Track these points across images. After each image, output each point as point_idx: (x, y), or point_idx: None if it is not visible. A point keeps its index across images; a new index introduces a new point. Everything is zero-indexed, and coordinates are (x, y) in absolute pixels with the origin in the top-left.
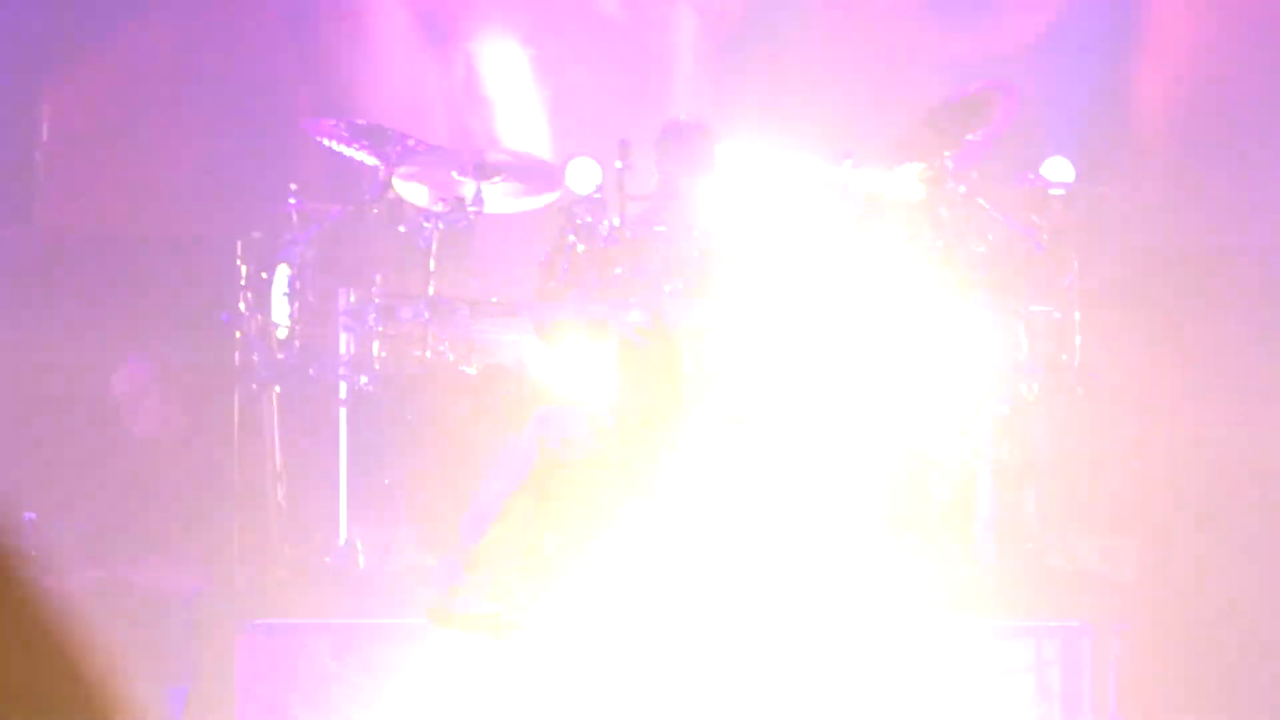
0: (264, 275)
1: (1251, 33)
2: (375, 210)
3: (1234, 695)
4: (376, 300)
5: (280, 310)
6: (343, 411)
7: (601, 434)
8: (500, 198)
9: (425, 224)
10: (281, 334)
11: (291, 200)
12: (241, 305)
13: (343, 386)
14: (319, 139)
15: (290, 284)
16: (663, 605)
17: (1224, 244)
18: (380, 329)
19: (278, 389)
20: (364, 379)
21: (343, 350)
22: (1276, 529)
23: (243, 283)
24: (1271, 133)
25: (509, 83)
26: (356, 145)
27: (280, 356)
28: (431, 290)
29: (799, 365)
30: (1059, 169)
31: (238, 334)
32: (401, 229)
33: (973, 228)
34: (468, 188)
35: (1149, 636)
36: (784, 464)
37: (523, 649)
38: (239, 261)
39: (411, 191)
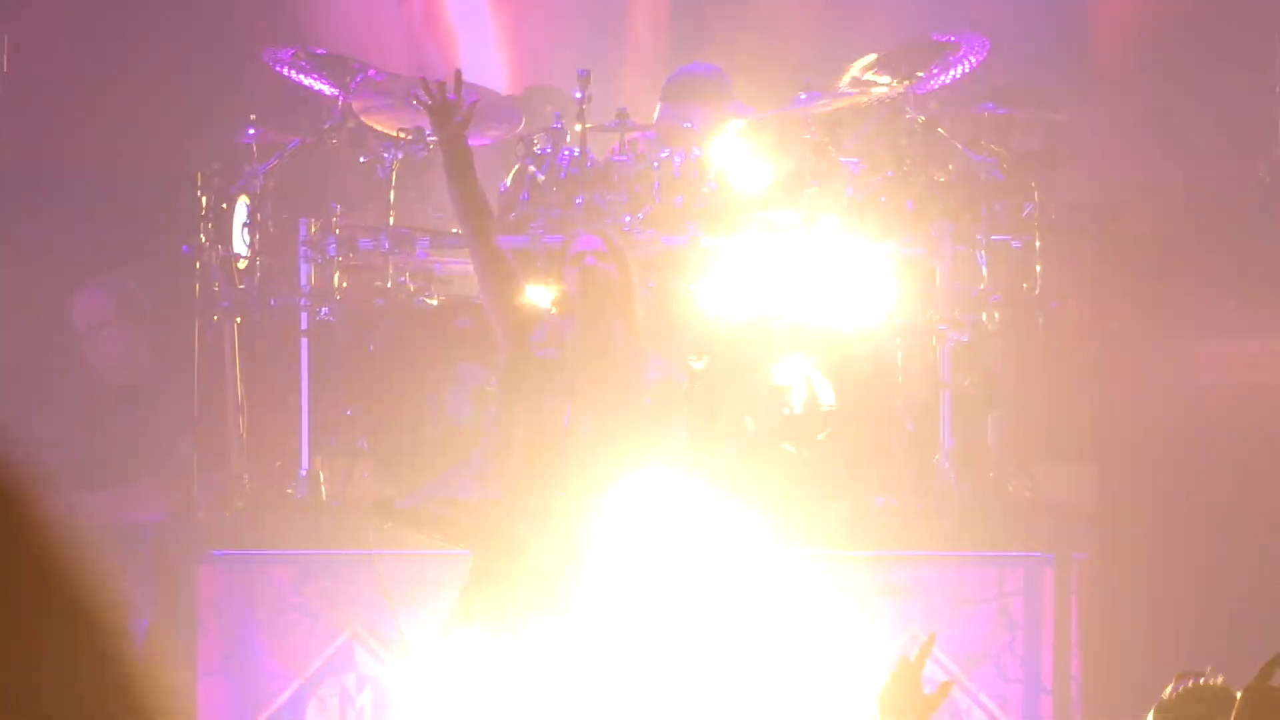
0: (224, 206)
1: None
2: (335, 140)
3: (1194, 622)
4: (337, 231)
5: (240, 241)
6: (304, 342)
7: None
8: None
9: (385, 154)
10: (242, 265)
11: (251, 131)
12: (202, 236)
13: (303, 317)
14: (278, 69)
15: (250, 215)
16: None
17: (1184, 173)
18: (340, 259)
19: (238, 320)
20: (324, 309)
21: (303, 281)
22: (1237, 455)
23: (203, 214)
24: (1232, 60)
25: (467, 12)
26: (315, 75)
27: (241, 287)
28: (392, 220)
29: (758, 299)
30: (1019, 98)
31: (198, 265)
32: (361, 159)
33: (933, 157)
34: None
35: (1110, 565)
36: (740, 393)
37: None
38: (199, 192)
39: (371, 121)
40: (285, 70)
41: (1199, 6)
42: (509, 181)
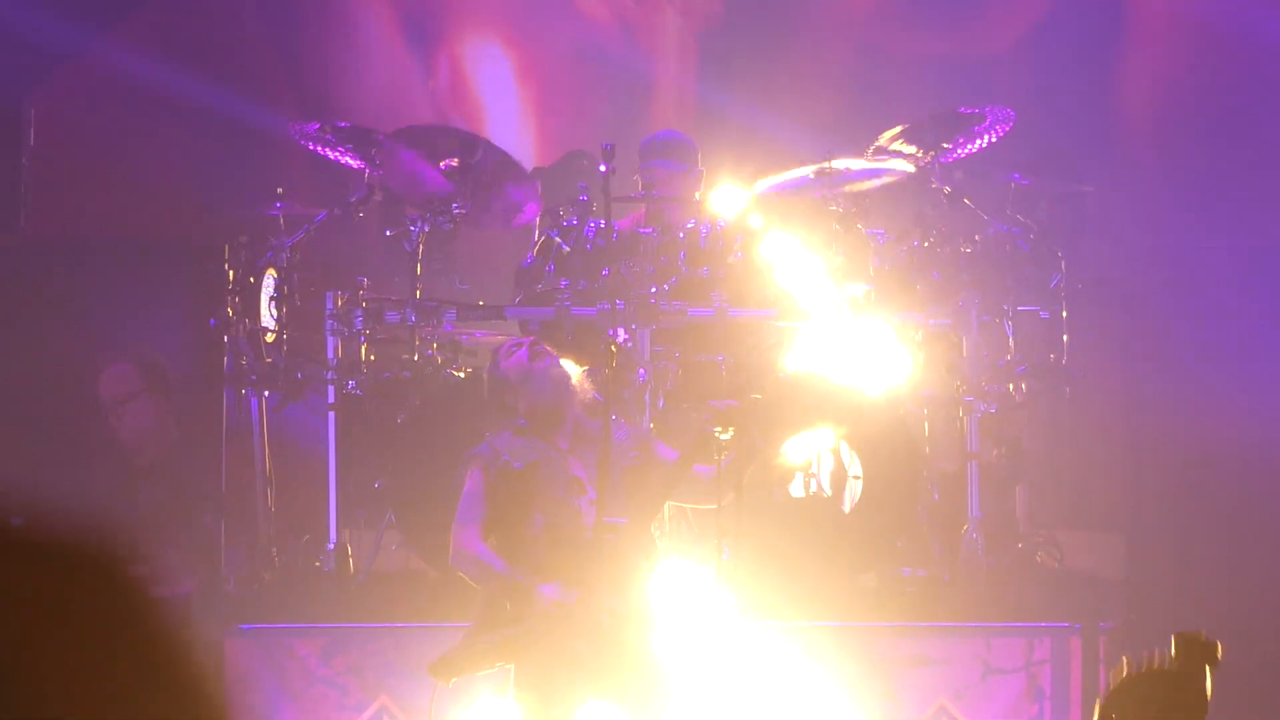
0: (251, 279)
1: (1233, 32)
2: (361, 214)
3: (1223, 690)
4: (363, 303)
5: (268, 314)
6: (331, 415)
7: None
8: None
9: (411, 227)
10: (269, 338)
11: (278, 204)
12: (229, 310)
13: (330, 390)
14: (305, 143)
15: (277, 288)
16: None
17: (1209, 242)
18: (367, 332)
19: (266, 393)
20: (351, 382)
21: (330, 354)
22: (1263, 524)
23: (230, 287)
24: (1254, 132)
25: (493, 85)
26: (342, 149)
27: (268, 360)
28: (418, 293)
29: (785, 367)
30: (1045, 168)
31: (225, 338)
32: (388, 232)
33: (959, 227)
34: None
35: (1138, 634)
36: (771, 468)
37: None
38: (226, 266)
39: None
40: (312, 144)
41: (1223, 78)
42: (534, 254)
